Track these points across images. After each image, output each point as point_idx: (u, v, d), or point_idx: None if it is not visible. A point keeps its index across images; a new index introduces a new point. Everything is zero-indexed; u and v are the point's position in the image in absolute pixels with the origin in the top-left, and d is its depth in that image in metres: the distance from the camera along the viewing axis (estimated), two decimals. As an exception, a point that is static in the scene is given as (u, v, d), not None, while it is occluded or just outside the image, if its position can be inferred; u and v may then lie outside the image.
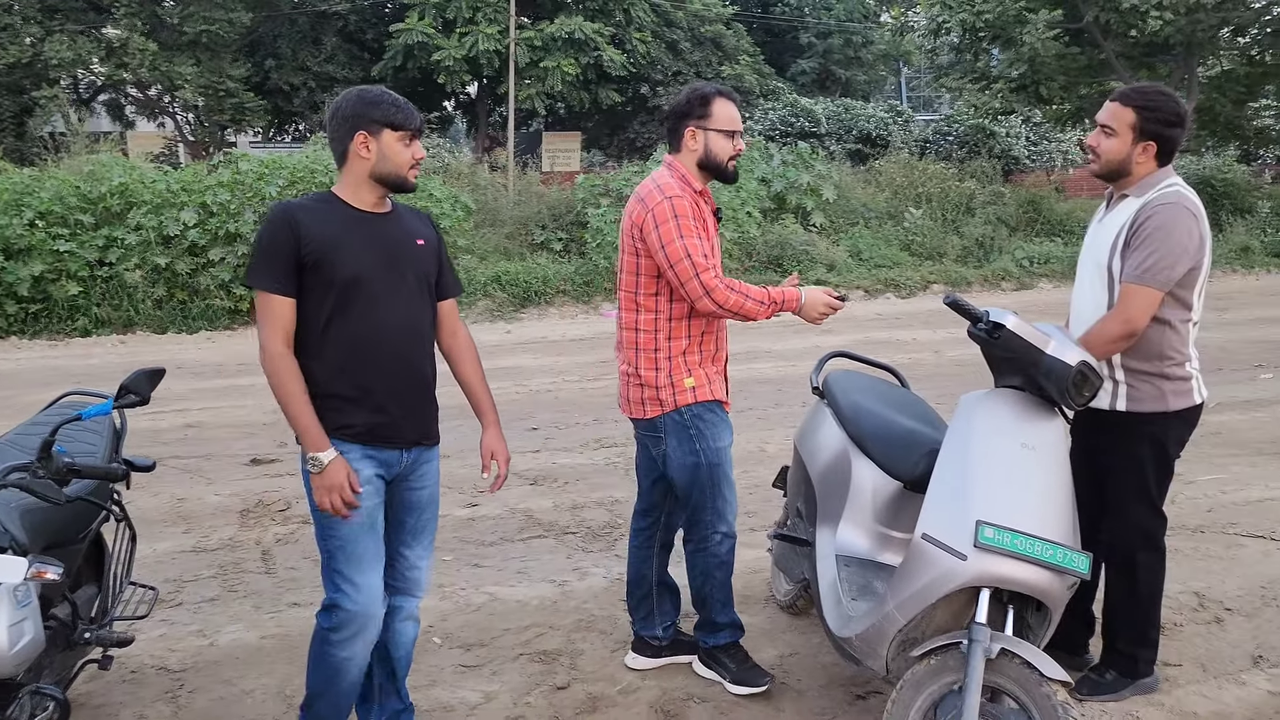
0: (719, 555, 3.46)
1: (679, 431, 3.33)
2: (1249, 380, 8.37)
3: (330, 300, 2.72)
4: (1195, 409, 3.34)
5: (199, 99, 21.19)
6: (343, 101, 2.80)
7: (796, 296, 3.28)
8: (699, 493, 3.39)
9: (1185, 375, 3.30)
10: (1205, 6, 14.25)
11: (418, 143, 2.82)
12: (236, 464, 6.22)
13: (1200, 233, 3.20)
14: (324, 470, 2.68)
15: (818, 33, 29.71)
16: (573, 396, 7.98)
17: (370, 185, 2.80)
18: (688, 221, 3.19)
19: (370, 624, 2.82)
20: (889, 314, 12.18)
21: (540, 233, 14.11)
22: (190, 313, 11.08)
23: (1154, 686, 3.46)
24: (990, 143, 22.18)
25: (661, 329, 3.30)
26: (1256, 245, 16.34)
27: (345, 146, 2.77)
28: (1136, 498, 3.36)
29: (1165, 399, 3.27)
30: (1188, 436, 3.40)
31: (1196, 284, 3.25)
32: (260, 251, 2.71)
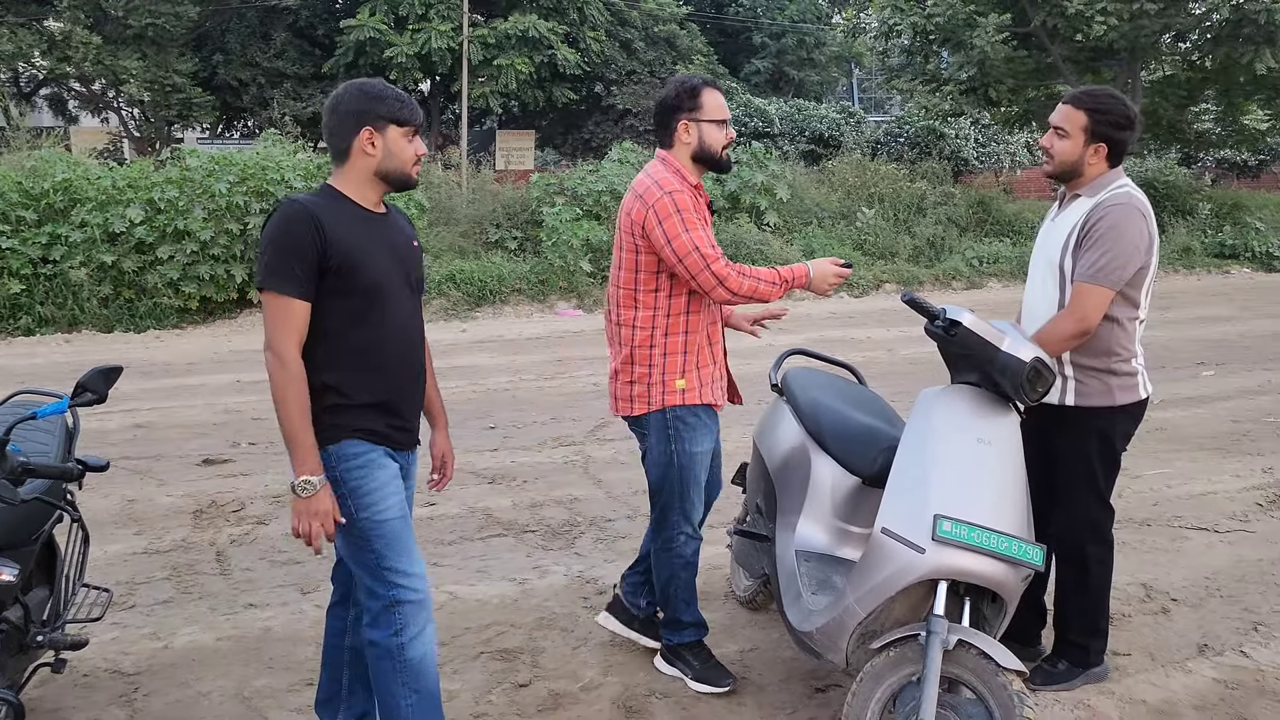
0: (684, 556, 3.48)
1: (660, 431, 3.36)
2: (1191, 378, 8.57)
3: (352, 306, 2.63)
4: (1141, 404, 3.43)
5: (144, 94, 20.80)
6: (344, 96, 2.68)
7: (805, 272, 3.32)
8: (668, 493, 3.42)
9: (1131, 371, 3.38)
10: (1148, 13, 14.54)
11: (419, 138, 2.75)
12: (188, 464, 6.14)
13: (1150, 233, 3.29)
14: (316, 494, 2.57)
15: (771, 33, 29.87)
16: (530, 395, 7.96)
17: (374, 184, 2.72)
18: (690, 215, 3.20)
19: (431, 609, 2.79)
20: (843, 313, 12.30)
21: (495, 231, 14.06)
22: (138, 311, 10.90)
23: (1104, 675, 3.54)
24: (940, 144, 22.47)
25: (659, 325, 3.31)
26: (1197, 246, 16.72)
27: (348, 143, 2.66)
28: (1085, 490, 3.44)
29: (1112, 394, 3.35)
30: (1133, 431, 3.49)
31: (1144, 283, 3.33)
32: (278, 251, 2.56)
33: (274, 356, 2.57)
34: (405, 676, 2.72)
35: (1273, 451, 6.34)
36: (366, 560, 2.70)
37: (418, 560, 2.76)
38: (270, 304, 2.58)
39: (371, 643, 2.74)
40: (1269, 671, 3.62)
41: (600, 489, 5.66)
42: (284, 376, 2.56)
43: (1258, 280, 15.78)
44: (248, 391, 8.09)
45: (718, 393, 3.45)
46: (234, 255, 11.07)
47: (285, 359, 2.56)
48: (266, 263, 2.57)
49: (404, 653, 2.71)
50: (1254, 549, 4.76)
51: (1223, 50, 15.29)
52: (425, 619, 2.75)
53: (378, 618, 2.72)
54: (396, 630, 2.71)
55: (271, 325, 2.58)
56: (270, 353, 2.58)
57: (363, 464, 2.67)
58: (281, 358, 2.56)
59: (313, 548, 2.59)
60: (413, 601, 2.72)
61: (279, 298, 2.56)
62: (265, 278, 2.57)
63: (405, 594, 2.71)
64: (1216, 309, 12.63)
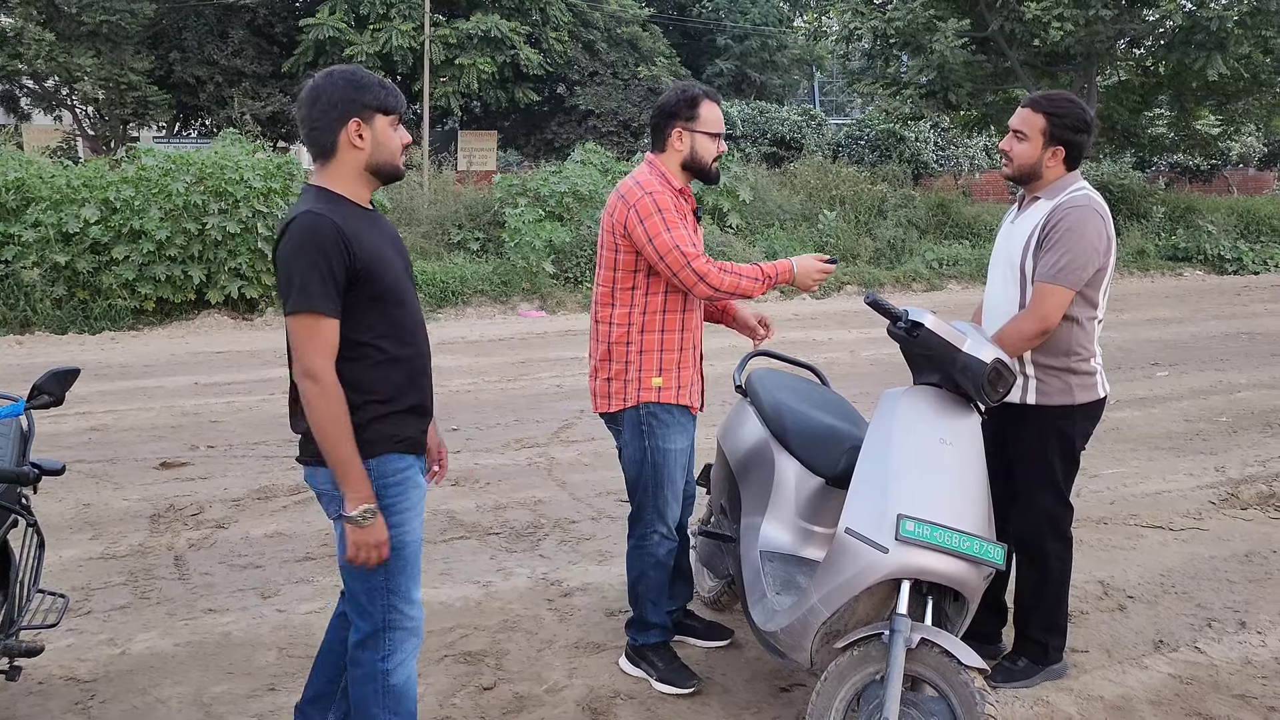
0: (656, 555, 3.49)
1: (634, 427, 3.40)
2: (1146, 378, 8.71)
3: (379, 311, 2.52)
4: (1099, 403, 3.49)
5: (99, 92, 20.49)
6: (325, 86, 2.50)
7: (789, 267, 3.35)
8: (642, 490, 3.46)
9: (1090, 370, 3.44)
10: (1103, 19, 14.76)
11: (402, 127, 2.62)
12: (145, 468, 6.05)
13: (1108, 234, 3.35)
14: (375, 523, 2.47)
15: (733, 36, 29.98)
16: (493, 397, 7.93)
17: (366, 179, 2.57)
18: (671, 214, 3.24)
19: (421, 635, 2.71)
20: (805, 314, 12.37)
21: (457, 232, 14.00)
22: (92, 313, 10.73)
23: (1063, 673, 3.59)
24: (900, 147, 22.68)
25: (635, 323, 3.34)
26: (1151, 249, 17.01)
27: (334, 137, 2.50)
28: (1044, 488, 3.49)
29: (1072, 393, 3.40)
30: (1092, 430, 3.55)
31: (1102, 284, 3.39)
32: (309, 268, 2.38)
33: (313, 382, 2.41)
34: (388, 700, 2.65)
35: (1224, 450, 6.47)
36: (374, 581, 2.59)
37: (419, 586, 2.69)
38: (302, 326, 2.41)
39: (356, 663, 2.65)
40: (1222, 667, 3.69)
41: (564, 491, 5.65)
42: (327, 400, 2.42)
43: (1210, 282, 16.08)
44: (205, 394, 7.99)
45: (695, 395, 3.48)
46: (191, 256, 10.93)
47: (326, 381, 2.42)
48: (298, 284, 2.39)
49: (389, 678, 2.64)
50: (1207, 546, 4.85)
51: (1175, 56, 15.56)
52: (414, 645, 2.68)
53: (367, 639, 2.63)
54: (385, 655, 2.63)
55: (306, 348, 2.42)
56: (308, 380, 2.42)
57: (400, 481, 2.58)
58: (322, 381, 2.41)
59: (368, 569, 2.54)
60: (407, 629, 2.65)
61: (313, 318, 2.40)
62: (298, 300, 2.39)
63: (403, 621, 2.64)
64: (1170, 310, 12.85)
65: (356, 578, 2.60)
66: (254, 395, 7.94)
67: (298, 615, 4.07)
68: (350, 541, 2.48)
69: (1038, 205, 3.42)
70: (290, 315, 2.43)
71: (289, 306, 2.42)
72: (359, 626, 2.64)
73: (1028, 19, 14.96)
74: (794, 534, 3.51)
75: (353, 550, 2.48)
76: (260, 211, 11.12)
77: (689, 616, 3.88)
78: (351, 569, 2.59)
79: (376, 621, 2.62)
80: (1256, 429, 7.00)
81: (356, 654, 2.65)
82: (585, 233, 13.35)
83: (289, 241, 2.43)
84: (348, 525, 2.47)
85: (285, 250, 2.44)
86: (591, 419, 7.20)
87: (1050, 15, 14.64)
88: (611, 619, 4.04)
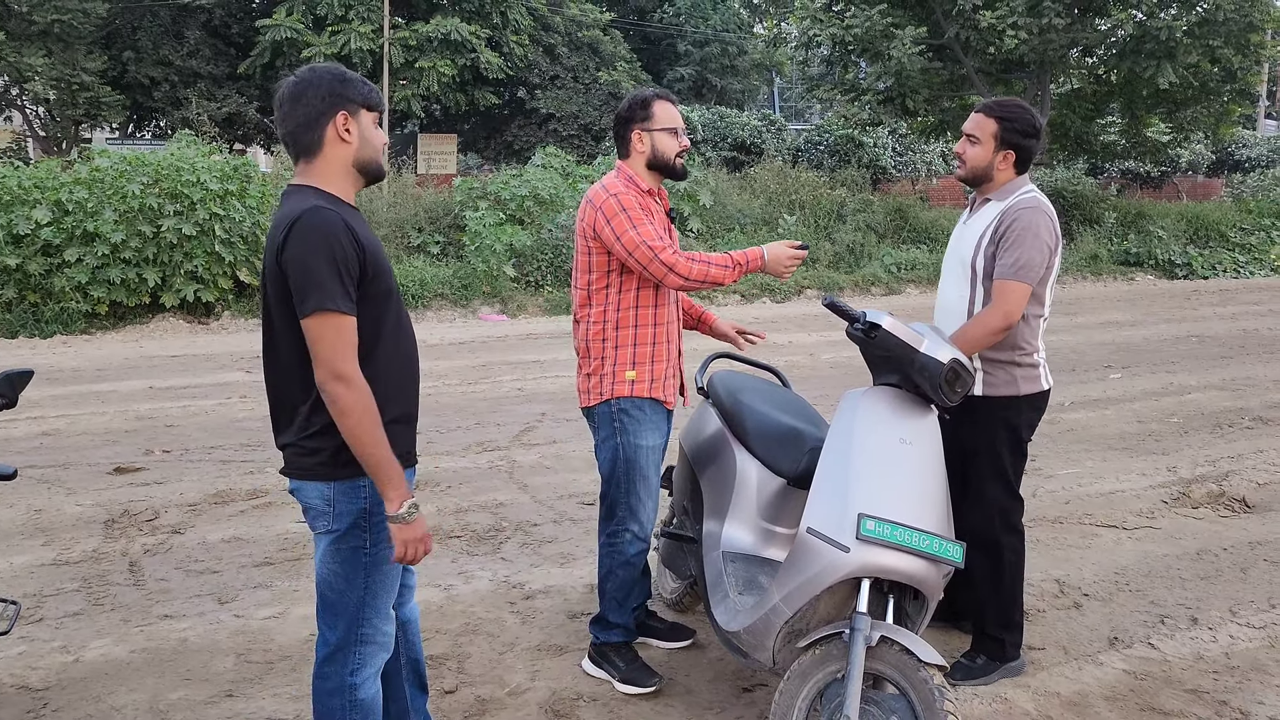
0: (626, 554, 3.51)
1: (606, 423, 3.46)
2: (1099, 380, 8.85)
3: (378, 313, 2.46)
4: (1043, 394, 3.61)
5: (50, 92, 20.14)
6: (310, 80, 2.44)
7: (759, 254, 3.41)
8: (615, 487, 3.49)
9: (1034, 363, 3.57)
10: (1056, 27, 15.00)
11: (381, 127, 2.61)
12: (98, 473, 5.95)
13: (1056, 234, 3.49)
14: (416, 519, 2.41)
15: (694, 41, 30.11)
16: (453, 400, 7.89)
17: (352, 177, 2.52)
18: (636, 212, 3.33)
19: (391, 650, 2.67)
20: (765, 318, 12.44)
21: (417, 235, 13.92)
22: (43, 316, 10.55)
23: (1021, 669, 3.64)
24: (859, 153, 22.90)
25: (610, 319, 3.42)
26: (1104, 253, 17.30)
27: (320, 132, 2.44)
28: (994, 481, 3.57)
29: (1017, 384, 3.53)
30: (1037, 421, 3.65)
31: (1049, 282, 3.53)
32: (328, 266, 2.32)
33: (341, 383, 2.32)
34: (354, 715, 2.59)
35: (1176, 450, 6.59)
36: (352, 595, 2.53)
37: (392, 599, 2.65)
38: (326, 327, 2.32)
39: (322, 676, 2.59)
40: (1175, 662, 3.76)
41: (526, 494, 5.63)
42: (359, 401, 2.33)
43: (1160, 286, 16.37)
44: (161, 398, 7.88)
45: (669, 390, 3.53)
46: (146, 259, 10.78)
47: (355, 381, 2.34)
48: (318, 282, 2.31)
49: (356, 693, 2.59)
50: (1160, 545, 4.94)
51: (1126, 65, 15.85)
52: (382, 660, 2.64)
53: (335, 654, 2.57)
54: (354, 669, 2.58)
55: (331, 349, 2.32)
56: (339, 382, 2.32)
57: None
58: (351, 381, 2.33)
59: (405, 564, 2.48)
60: (378, 644, 2.61)
61: (335, 317, 2.32)
62: (320, 299, 2.31)
63: (375, 635, 2.59)
64: (1122, 314, 13.08)
65: (338, 592, 2.55)
66: (210, 399, 7.84)
67: (256, 620, 4.02)
68: (399, 540, 2.41)
69: (989, 206, 3.55)
70: (312, 315, 2.32)
71: (309, 306, 2.32)
72: (327, 639, 2.59)
73: (983, 27, 15.18)
74: (756, 534, 3.53)
75: (401, 548, 2.42)
76: (217, 214, 10.98)
77: (651, 617, 3.88)
78: (334, 582, 2.54)
79: (349, 636, 2.56)
80: (1206, 429, 7.13)
81: (324, 668, 2.59)
82: (546, 236, 13.33)
83: (301, 241, 2.33)
84: (393, 525, 2.40)
85: (299, 250, 2.33)
86: (553, 422, 7.19)
87: (1005, 24, 14.87)
88: (574, 621, 4.04)
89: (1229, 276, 17.46)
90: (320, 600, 2.59)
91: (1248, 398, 8.14)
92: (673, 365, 3.55)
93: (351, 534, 2.51)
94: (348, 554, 2.52)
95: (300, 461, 2.48)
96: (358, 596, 2.54)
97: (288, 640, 3.86)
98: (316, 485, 2.47)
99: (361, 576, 2.53)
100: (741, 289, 13.80)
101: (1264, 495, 5.66)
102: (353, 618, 2.56)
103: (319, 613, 2.61)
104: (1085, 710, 3.43)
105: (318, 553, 2.56)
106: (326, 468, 2.45)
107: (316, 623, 2.64)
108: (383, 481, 2.38)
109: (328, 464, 2.44)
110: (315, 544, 2.58)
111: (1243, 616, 4.14)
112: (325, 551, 2.52)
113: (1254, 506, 5.49)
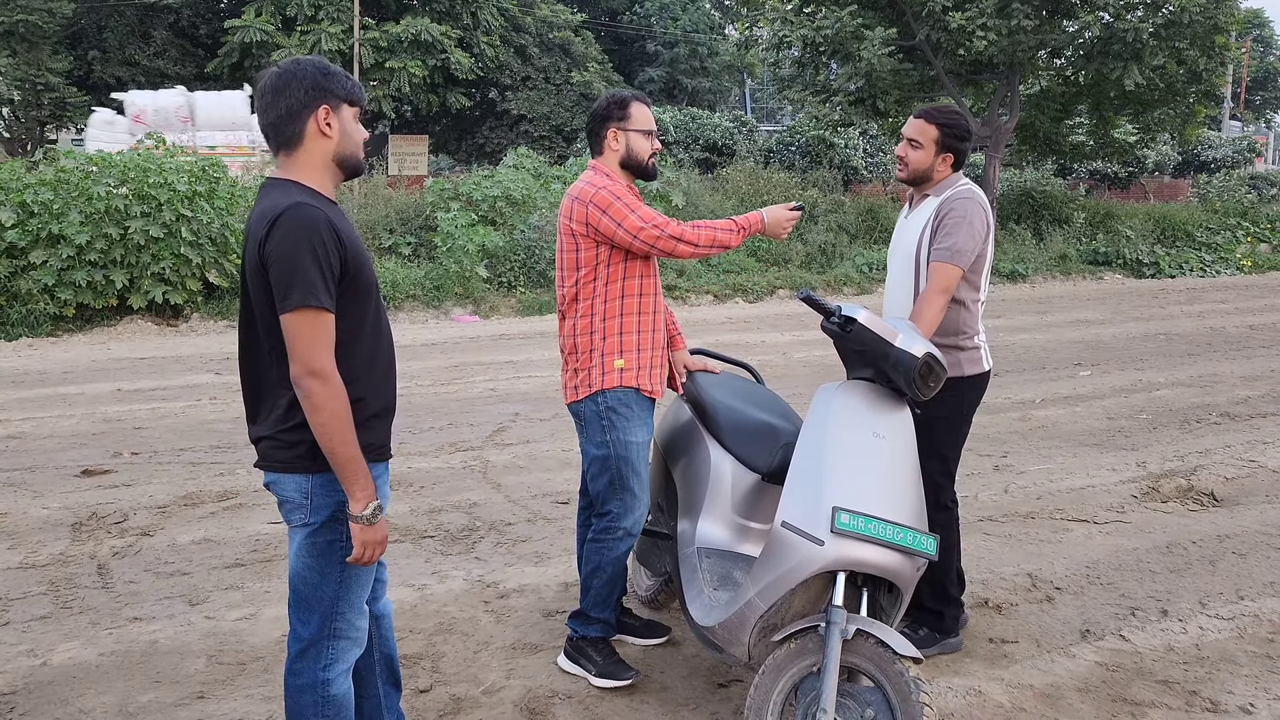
0: (614, 551, 3.50)
1: (595, 420, 3.45)
2: (1069, 378, 8.93)
3: (359, 309, 2.47)
4: (984, 375, 3.76)
5: (14, 93, 19.90)
6: (293, 73, 2.43)
7: (759, 218, 3.48)
8: (605, 485, 3.47)
9: (975, 346, 3.71)
10: (1025, 29, 15.12)
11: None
12: (65, 476, 5.87)
13: (989, 223, 3.65)
14: (379, 521, 2.43)
15: (664, 42, 30.16)
16: (426, 401, 7.85)
17: (333, 172, 2.52)
18: (629, 198, 3.38)
19: (364, 646, 2.67)
20: (738, 317, 12.46)
21: (389, 237, 13.84)
22: (9, 319, 10.40)
23: (958, 646, 3.79)
24: (830, 153, 22.99)
25: (597, 312, 3.44)
26: (1073, 253, 17.46)
27: (302, 125, 2.43)
28: (930, 458, 3.59)
29: (961, 366, 3.65)
30: (978, 400, 3.77)
31: (984, 269, 3.68)
32: (311, 262, 2.31)
33: (319, 381, 2.32)
34: (327, 710, 2.59)
35: (1145, 446, 6.65)
36: (327, 589, 2.53)
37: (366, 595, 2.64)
38: (305, 323, 2.32)
39: (295, 672, 2.58)
40: (1146, 654, 3.80)
41: (500, 493, 5.61)
42: (333, 399, 2.33)
43: (1128, 285, 16.54)
44: (129, 400, 7.78)
45: (656, 379, 3.54)
46: (113, 260, 10.64)
47: (331, 378, 2.34)
48: (300, 278, 2.30)
49: (328, 689, 2.58)
50: (1130, 539, 4.98)
51: (1094, 66, 16.00)
52: (354, 656, 2.63)
53: (307, 649, 2.56)
54: (326, 664, 2.57)
55: (308, 345, 2.32)
56: (314, 379, 2.32)
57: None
58: (326, 377, 2.33)
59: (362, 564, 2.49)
60: (351, 639, 2.60)
61: (315, 313, 2.32)
62: (302, 295, 2.30)
63: (349, 631, 2.59)
64: (1091, 313, 13.20)
65: (311, 587, 2.53)
66: (179, 401, 7.76)
67: (227, 622, 3.98)
68: (358, 541, 2.42)
69: (927, 202, 3.73)
70: (292, 311, 2.32)
71: (290, 302, 2.31)
72: (300, 635, 2.57)
73: (953, 29, 15.28)
74: (730, 530, 3.53)
75: (359, 549, 2.43)
76: (185, 215, 10.87)
77: (626, 614, 3.88)
78: (307, 578, 2.53)
79: (322, 630, 2.55)
80: (1175, 425, 7.21)
81: (296, 666, 2.58)
82: (519, 237, 13.29)
83: (285, 236, 2.32)
84: (354, 525, 2.41)
85: (282, 245, 2.32)
86: (526, 422, 7.16)
87: (974, 25, 14.98)
88: (549, 619, 4.02)
89: (1196, 275, 17.67)
90: (294, 595, 2.58)
91: (1215, 394, 8.24)
92: (660, 353, 3.56)
93: (327, 527, 2.49)
94: (323, 547, 2.50)
95: (278, 454, 2.47)
96: (332, 590, 2.53)
97: (259, 641, 3.82)
98: (294, 478, 2.46)
99: (336, 570, 2.52)
100: (714, 289, 13.82)
101: (1231, 489, 5.73)
102: (326, 612, 2.54)
103: (292, 608, 2.59)
104: (1058, 702, 3.45)
105: (292, 547, 2.55)
106: (305, 460, 2.44)
107: (289, 619, 2.62)
108: (349, 480, 2.38)
109: (306, 457, 2.43)
110: (290, 538, 2.56)
111: (1212, 608, 4.19)
112: (300, 545, 2.51)
113: (1222, 500, 5.55)
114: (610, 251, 3.40)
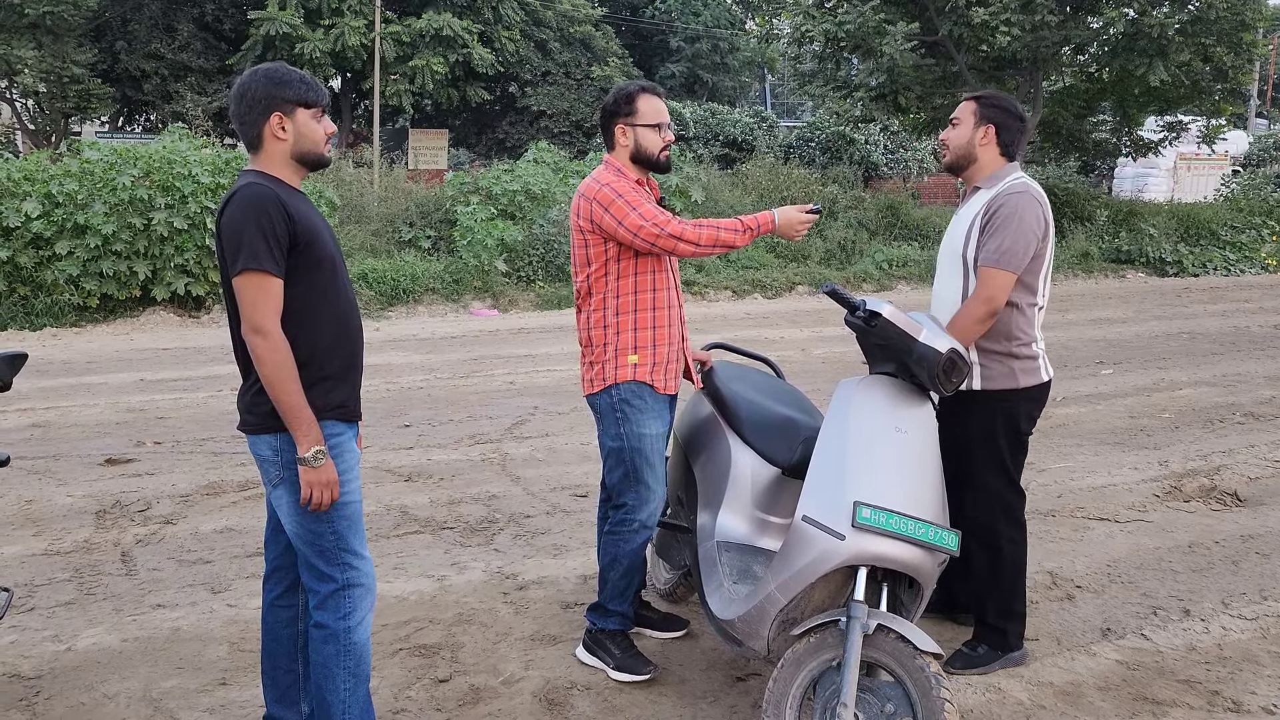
0: (630, 543, 3.51)
1: (609, 412, 3.46)
2: (1091, 376, 8.88)
3: (316, 279, 2.70)
4: (1043, 386, 3.58)
5: (40, 84, 20.05)
6: (249, 83, 2.70)
7: (770, 219, 3.42)
8: (620, 477, 3.48)
9: (1032, 355, 3.54)
10: (1049, 24, 14.99)
11: (326, 117, 2.83)
12: (89, 464, 5.92)
13: (1045, 219, 3.46)
14: (326, 464, 2.64)
15: (685, 37, 30.11)
16: (445, 394, 7.88)
17: (293, 166, 2.77)
18: (632, 196, 3.36)
19: (375, 594, 2.87)
20: (757, 313, 12.44)
21: (408, 230, 13.88)
22: (34, 309, 10.48)
23: (1022, 659, 3.65)
24: (850, 149, 22.90)
25: (610, 307, 3.44)
26: (1095, 251, 17.32)
27: (259, 130, 2.71)
28: (994, 473, 3.55)
29: (1015, 376, 3.50)
30: (1038, 413, 3.64)
31: (1041, 270, 3.50)
32: (256, 233, 2.57)
33: (261, 337, 2.58)
34: (348, 660, 2.79)
35: (1167, 445, 6.61)
36: (325, 542, 2.74)
37: (365, 543, 2.84)
38: (250, 285, 2.58)
39: (318, 625, 2.78)
40: (1167, 653, 3.77)
41: (518, 486, 5.63)
42: (275, 352, 2.58)
43: (1151, 284, 16.41)
44: (152, 390, 7.84)
45: (670, 375, 3.53)
46: (137, 251, 10.71)
47: (273, 335, 2.58)
48: (245, 243, 2.56)
49: (350, 636, 2.78)
50: (1151, 538, 4.95)
51: (1119, 62, 15.84)
52: (370, 604, 2.83)
53: (325, 601, 2.77)
54: (345, 614, 2.77)
55: (253, 306, 2.58)
56: (256, 335, 2.58)
57: (335, 445, 2.73)
58: (269, 335, 2.58)
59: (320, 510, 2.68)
60: (363, 585, 2.80)
61: (259, 276, 2.57)
62: (246, 259, 2.56)
63: (358, 577, 2.79)
64: (1113, 311, 13.11)
65: (309, 543, 2.74)
66: (201, 392, 7.81)
67: (249, 610, 4.00)
68: (304, 482, 2.64)
69: (978, 195, 3.55)
70: (238, 275, 2.58)
71: (237, 267, 2.58)
72: (317, 590, 2.77)
73: (976, 24, 15.16)
74: (750, 524, 3.53)
75: (306, 490, 2.64)
76: (208, 207, 10.92)
77: (645, 607, 3.88)
78: (304, 535, 2.73)
79: (336, 580, 2.76)
80: (1198, 425, 7.16)
81: (319, 618, 2.78)
82: (538, 231, 13.30)
83: (233, 209, 2.60)
84: (301, 467, 2.63)
85: (231, 217, 2.60)
86: (545, 415, 7.18)
87: (998, 20, 14.85)
88: (567, 611, 4.03)
89: (1220, 274, 17.51)
90: (300, 558, 2.79)
91: (1239, 393, 8.17)
92: (676, 349, 3.54)
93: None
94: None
95: (249, 417, 2.73)
96: (332, 540, 2.74)
97: (281, 630, 3.84)
98: (265, 437, 2.70)
99: (329, 521, 2.72)
100: (733, 284, 13.80)
101: (1255, 490, 5.68)
102: (333, 561, 2.75)
103: (302, 570, 2.80)
104: (1078, 700, 3.44)
105: (282, 511, 2.74)
106: (273, 419, 2.66)
107: (303, 580, 2.79)
108: (293, 426, 2.62)
109: (272, 415, 2.65)
110: (276, 505, 2.76)
111: (1235, 608, 4.16)
112: (289, 505, 2.71)
113: (1245, 500, 5.51)
114: (619, 248, 3.40)
